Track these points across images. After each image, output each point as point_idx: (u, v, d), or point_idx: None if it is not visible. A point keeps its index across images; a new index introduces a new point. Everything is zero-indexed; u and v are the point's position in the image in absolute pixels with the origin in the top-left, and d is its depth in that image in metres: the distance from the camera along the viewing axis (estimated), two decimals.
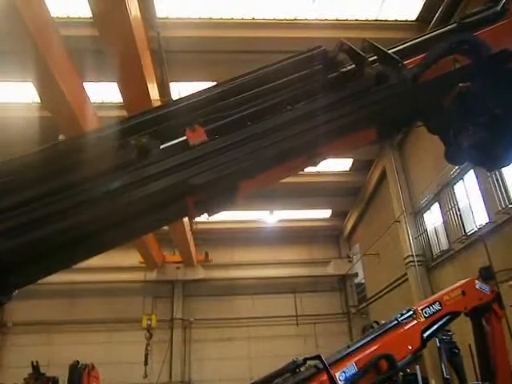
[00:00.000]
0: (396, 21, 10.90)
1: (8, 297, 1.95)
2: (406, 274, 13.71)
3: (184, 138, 1.98)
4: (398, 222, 13.78)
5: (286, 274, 19.88)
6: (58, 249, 1.78)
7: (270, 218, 18.18)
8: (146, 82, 7.82)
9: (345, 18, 10.70)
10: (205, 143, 1.93)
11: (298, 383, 3.79)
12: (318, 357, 3.91)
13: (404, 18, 10.94)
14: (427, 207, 12.91)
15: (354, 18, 10.77)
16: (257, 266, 19.87)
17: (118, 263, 17.35)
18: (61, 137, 11.61)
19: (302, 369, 4.00)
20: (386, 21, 10.86)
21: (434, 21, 10.11)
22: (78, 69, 8.86)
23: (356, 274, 20.49)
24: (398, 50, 2.31)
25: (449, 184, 11.42)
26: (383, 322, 4.69)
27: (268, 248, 20.11)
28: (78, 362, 5.34)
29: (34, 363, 13.22)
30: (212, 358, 18.88)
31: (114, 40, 6.99)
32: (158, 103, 9.07)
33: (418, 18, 10.84)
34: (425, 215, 13.20)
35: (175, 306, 19.66)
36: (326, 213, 20.30)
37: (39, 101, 9.03)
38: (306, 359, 4.05)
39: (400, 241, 13.88)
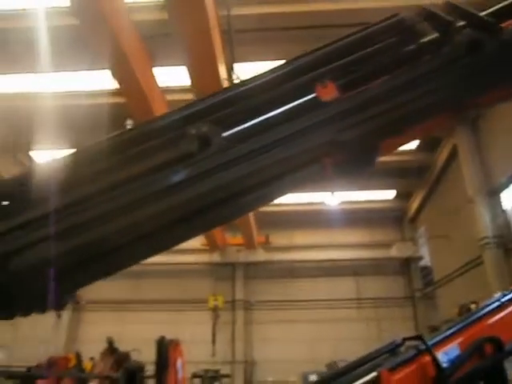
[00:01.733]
0: None
1: (70, 296, 1.93)
2: (479, 257, 13.00)
3: (311, 95, 1.85)
4: (472, 201, 13.03)
5: (347, 257, 19.55)
6: (126, 246, 1.72)
7: (332, 199, 17.84)
8: (217, 62, 7.80)
9: None
10: (341, 99, 1.80)
11: (399, 364, 3.64)
12: (418, 337, 3.72)
13: None
14: (506, 185, 12.07)
15: None
16: (317, 249, 19.67)
17: (183, 245, 17.77)
18: (128, 122, 11.98)
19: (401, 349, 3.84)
20: None
21: None
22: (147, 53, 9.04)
23: (421, 257, 19.78)
24: (491, 13, 1.95)
25: None
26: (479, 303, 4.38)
27: (329, 230, 19.83)
28: (163, 337, 5.48)
29: (109, 339, 14.00)
30: (274, 340, 19.07)
31: (186, 20, 6.97)
32: (227, 85, 9.07)
33: None
34: (502, 194, 12.36)
35: (237, 287, 20.00)
36: (389, 194, 19.62)
37: (113, 87, 9.34)
38: (404, 339, 3.88)
39: (473, 222, 13.13)
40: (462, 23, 1.86)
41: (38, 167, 1.94)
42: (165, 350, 5.43)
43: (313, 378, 14.53)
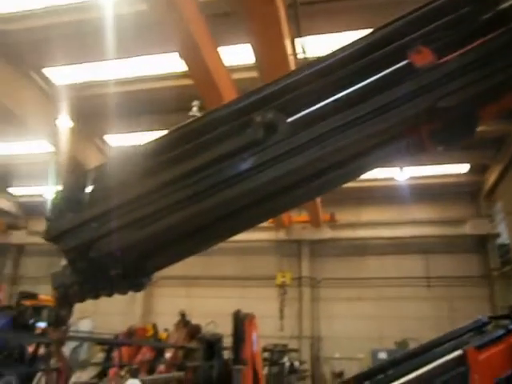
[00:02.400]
0: None
1: (148, 278, 2.01)
2: None
3: (403, 62, 1.78)
4: None
5: (416, 234, 18.86)
6: (197, 231, 1.78)
7: (401, 175, 17.19)
8: (282, 38, 7.70)
9: None
10: (438, 64, 1.72)
11: (486, 343, 3.50)
12: (507, 316, 3.56)
13: None
14: None
15: None
16: (385, 226, 19.17)
17: None
18: (194, 103, 12.24)
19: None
20: None
21: None
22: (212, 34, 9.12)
23: (498, 234, 18.61)
24: None
25: None
26: None
27: (397, 207, 19.21)
28: (239, 310, 5.69)
29: (182, 312, 14.74)
30: (340, 316, 19.06)
31: None
32: (292, 59, 8.96)
33: None
34: None
35: (303, 265, 20.10)
36: (462, 168, 18.51)
37: (181, 70, 9.53)
38: (491, 318, 3.73)
39: None
40: None
41: (112, 159, 2.06)
42: (241, 322, 5.64)
43: (382, 355, 14.42)
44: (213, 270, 20.45)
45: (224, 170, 1.77)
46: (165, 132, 2.04)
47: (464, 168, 18.52)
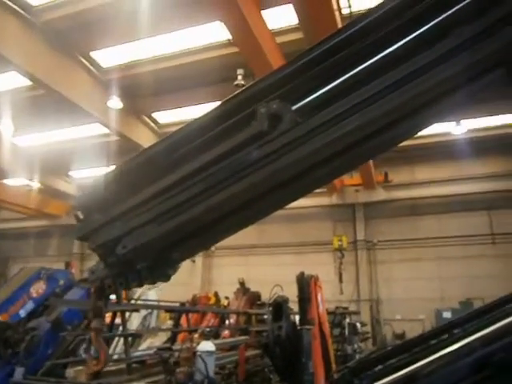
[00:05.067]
0: None
1: (174, 269, 2.05)
2: None
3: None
4: None
5: (477, 190, 17.98)
6: (216, 222, 1.84)
7: (457, 129, 16.32)
8: None
9: None
10: None
11: None
12: None
13: None
14: None
15: None
16: (442, 183, 18.41)
17: None
18: (239, 71, 12.11)
19: None
20: None
21: None
22: None
23: None
24: None
25: None
26: None
27: (454, 163, 18.31)
28: (303, 273, 5.73)
29: (241, 280, 15.12)
30: (399, 279, 18.81)
31: None
32: (338, 15, 8.58)
33: None
34: None
35: (358, 228, 19.89)
36: None
37: (220, 39, 9.40)
38: None
39: None
40: None
41: (130, 159, 2.13)
42: (305, 284, 5.69)
43: (447, 314, 14.14)
44: (268, 238, 20.71)
45: (237, 161, 1.81)
46: (213, 104, 2.08)
47: None
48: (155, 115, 17.29)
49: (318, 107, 1.74)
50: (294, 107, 1.77)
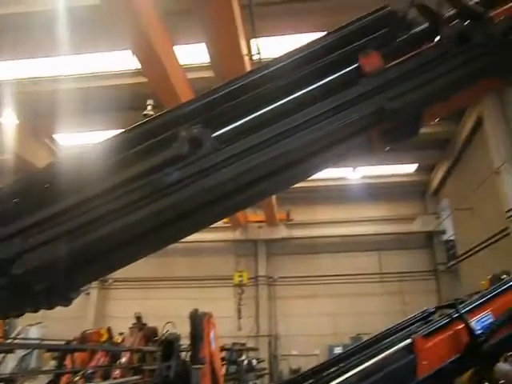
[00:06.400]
0: None
1: (75, 294, 2.01)
2: (505, 229, 12.84)
3: (354, 66, 1.87)
4: (498, 172, 12.80)
5: (369, 232, 19.54)
6: (125, 244, 1.77)
7: (353, 174, 17.75)
8: (237, 38, 7.73)
9: None
10: (385, 69, 1.82)
11: (433, 331, 3.69)
12: (451, 305, 3.77)
13: None
14: None
15: None
16: (339, 224, 19.71)
17: None
18: (149, 101, 12.03)
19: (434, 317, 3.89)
20: None
21: None
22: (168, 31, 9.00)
23: (444, 231, 19.63)
24: None
25: None
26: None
27: (350, 205, 19.79)
28: (196, 310, 5.66)
29: (137, 315, 14.47)
30: (297, 314, 19.37)
31: None
32: (247, 60, 9.00)
33: None
34: None
35: (259, 264, 20.27)
36: (411, 167, 19.39)
37: (132, 67, 9.38)
38: (437, 308, 3.93)
39: (499, 193, 12.93)
40: (452, 13, 1.88)
41: (38, 171, 2.01)
42: (198, 321, 5.62)
43: (338, 350, 14.78)
44: (169, 271, 20.20)
45: (150, 184, 1.78)
46: (118, 131, 2.04)
47: (412, 167, 19.40)
48: (57, 137, 16.32)
49: (235, 137, 1.81)
50: (215, 134, 1.82)
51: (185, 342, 6.49)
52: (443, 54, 1.82)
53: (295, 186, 1.98)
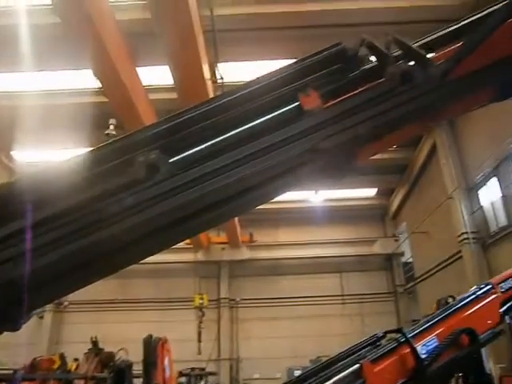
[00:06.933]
0: None
1: (26, 317, 1.96)
2: (458, 252, 13.37)
3: (295, 104, 1.97)
4: (451, 198, 13.37)
5: (331, 254, 19.82)
6: (79, 267, 1.73)
7: (315, 197, 18.06)
8: (200, 62, 7.84)
9: None
10: (323, 108, 1.92)
11: (380, 356, 3.78)
12: (398, 330, 3.88)
13: None
14: (483, 182, 12.42)
15: None
16: (301, 246, 19.91)
17: None
18: (111, 121, 11.90)
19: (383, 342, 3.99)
20: None
21: None
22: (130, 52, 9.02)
23: (403, 253, 20.18)
24: (434, 39, 2.13)
25: (508, 157, 10.92)
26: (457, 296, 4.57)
27: (312, 228, 20.06)
28: (151, 335, 5.54)
29: (94, 339, 13.90)
30: (259, 337, 19.22)
31: (169, 20, 7.00)
32: (210, 84, 9.12)
33: None
34: (480, 191, 12.72)
35: (222, 286, 20.09)
36: (371, 191, 19.97)
37: (94, 86, 9.30)
38: (386, 332, 4.04)
39: (452, 218, 13.50)
40: (397, 54, 2.02)
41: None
42: (152, 347, 5.49)
43: (297, 373, 14.72)
44: (128, 293, 19.64)
45: (105, 208, 1.79)
46: (80, 150, 2.04)
47: (372, 192, 19.98)
48: (15, 154, 15.79)
49: (191, 164, 1.83)
50: (172, 160, 1.84)
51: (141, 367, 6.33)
52: (382, 94, 1.95)
53: (258, 208, 2.04)
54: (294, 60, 2.08)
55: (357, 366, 3.55)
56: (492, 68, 2.03)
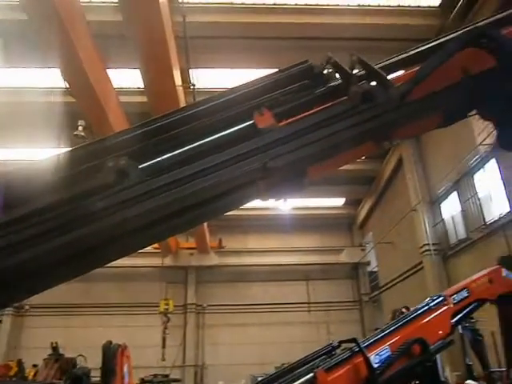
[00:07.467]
0: (419, 7, 10.78)
1: None
2: (420, 263, 13.75)
3: (250, 122, 2.03)
4: (415, 210, 13.77)
5: (298, 262, 20.03)
6: (45, 269, 1.75)
7: (284, 205, 18.20)
8: (171, 67, 7.83)
9: (367, 4, 10.62)
10: (276, 127, 1.99)
11: (334, 365, 3.87)
12: (353, 340, 3.98)
13: (427, 4, 10.82)
14: (445, 196, 12.87)
15: (377, 4, 10.69)
16: (270, 253, 20.02)
17: None
18: (80, 122, 11.69)
19: (338, 351, 4.09)
20: (408, 6, 10.75)
21: (457, 7, 10.03)
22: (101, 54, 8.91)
23: (368, 263, 20.58)
24: (396, 61, 2.27)
25: (469, 173, 11.37)
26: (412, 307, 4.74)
27: (281, 235, 20.22)
28: (110, 342, 5.46)
29: (54, 344, 13.51)
30: (225, 343, 19.15)
31: (140, 24, 6.99)
32: (181, 89, 9.11)
33: (441, 4, 10.70)
34: (442, 204, 13.17)
35: (189, 291, 19.95)
36: (339, 201, 20.31)
37: (63, 86, 9.12)
38: (341, 342, 4.13)
39: (415, 229, 13.89)
40: (361, 74, 2.12)
41: None
42: (111, 354, 5.41)
43: None
44: (94, 297, 19.21)
45: (74, 210, 1.82)
46: (47, 149, 2.04)
47: (340, 201, 20.33)
48: None
49: (160, 171, 1.86)
50: (141, 166, 1.87)
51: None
52: (339, 114, 2.03)
53: (227, 214, 2.08)
54: (268, 70, 2.16)
55: (311, 374, 3.64)
56: (442, 94, 2.16)
